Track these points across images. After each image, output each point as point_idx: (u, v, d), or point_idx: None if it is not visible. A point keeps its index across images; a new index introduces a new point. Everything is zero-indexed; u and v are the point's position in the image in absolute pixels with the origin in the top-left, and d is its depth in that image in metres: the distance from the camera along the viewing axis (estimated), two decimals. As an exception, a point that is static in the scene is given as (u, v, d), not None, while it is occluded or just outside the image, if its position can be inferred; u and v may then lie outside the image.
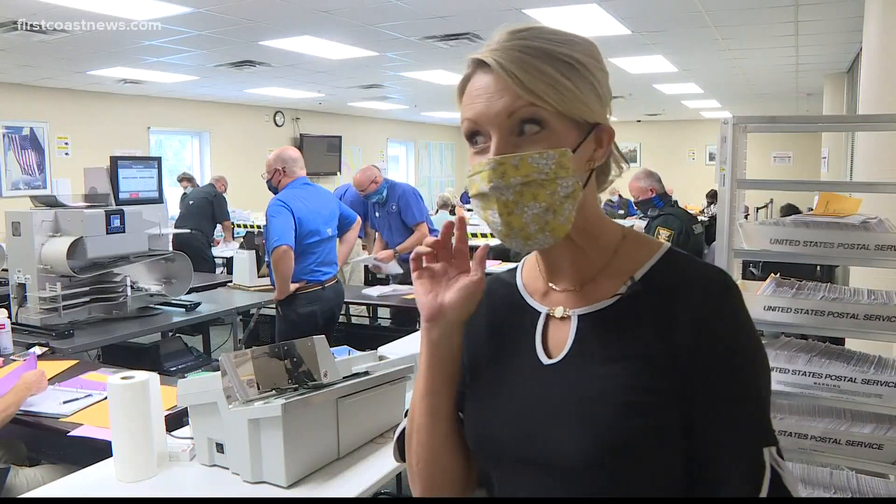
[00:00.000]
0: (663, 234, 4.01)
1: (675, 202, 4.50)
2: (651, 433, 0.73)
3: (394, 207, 4.68)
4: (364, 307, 5.09)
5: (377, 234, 5.02)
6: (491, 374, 0.86)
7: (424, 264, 0.83)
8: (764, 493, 0.71)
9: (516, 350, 0.84)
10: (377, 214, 4.78)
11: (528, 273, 0.90)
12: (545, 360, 0.81)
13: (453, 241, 0.84)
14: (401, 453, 0.93)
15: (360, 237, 4.86)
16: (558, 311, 0.83)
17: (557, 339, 0.82)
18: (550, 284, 0.85)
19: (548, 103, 0.74)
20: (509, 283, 0.91)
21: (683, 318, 0.75)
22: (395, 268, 4.74)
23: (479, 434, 0.84)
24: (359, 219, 4.04)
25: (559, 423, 0.76)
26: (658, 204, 4.27)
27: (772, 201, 10.72)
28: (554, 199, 0.74)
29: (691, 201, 12.53)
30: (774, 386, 1.87)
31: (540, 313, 0.85)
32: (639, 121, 14.60)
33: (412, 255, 0.83)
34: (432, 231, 4.83)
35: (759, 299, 1.91)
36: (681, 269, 0.80)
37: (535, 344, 0.83)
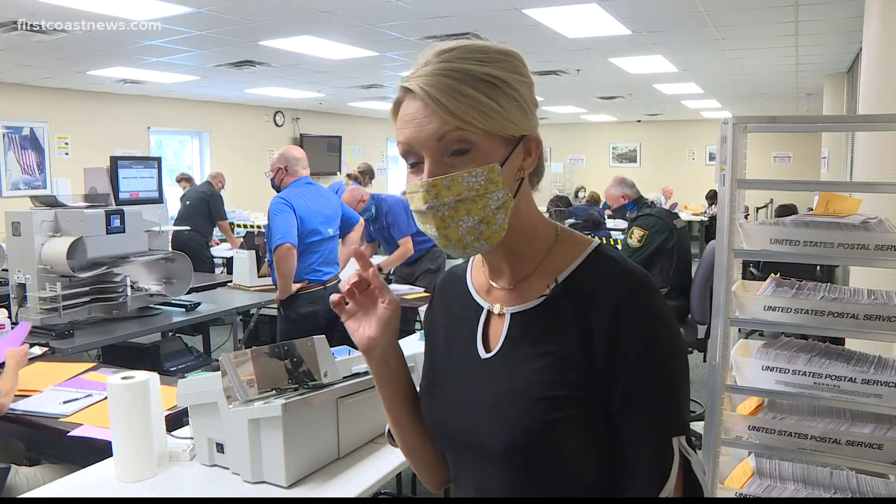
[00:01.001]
0: (636, 234, 4.20)
1: (652, 203, 4.64)
2: (568, 425, 0.80)
3: (384, 223, 4.67)
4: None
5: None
6: (443, 364, 0.95)
7: (348, 304, 0.91)
8: (673, 478, 0.79)
9: (463, 343, 0.92)
10: (371, 229, 4.77)
11: (476, 270, 0.97)
12: (483, 355, 0.89)
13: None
14: (393, 439, 1.04)
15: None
16: (496, 308, 0.90)
17: (494, 335, 0.89)
18: (491, 282, 0.92)
19: (474, 125, 0.78)
20: (461, 278, 0.98)
21: (600, 317, 0.81)
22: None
23: (432, 420, 0.94)
24: (361, 220, 4.04)
25: (490, 414, 0.85)
26: (632, 209, 4.39)
27: (772, 201, 10.72)
28: (486, 211, 0.80)
29: (691, 201, 12.56)
30: (774, 386, 1.87)
31: (483, 309, 0.92)
32: (639, 121, 14.59)
33: (333, 301, 0.92)
34: (423, 237, 4.79)
35: (759, 299, 1.91)
36: (601, 269, 0.85)
37: (476, 338, 0.90)
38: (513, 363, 0.85)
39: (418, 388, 0.98)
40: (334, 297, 0.92)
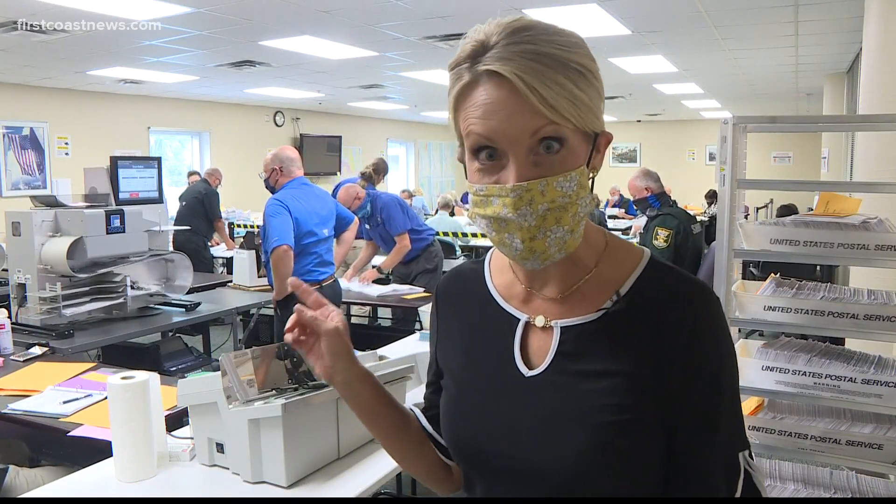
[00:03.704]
0: (662, 234, 4.01)
1: (674, 202, 4.50)
2: (633, 451, 0.74)
3: (379, 220, 4.68)
4: (364, 307, 5.10)
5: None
6: (469, 380, 0.85)
7: (302, 337, 0.87)
8: (738, 492, 0.77)
9: (494, 356, 0.82)
10: (367, 227, 4.78)
11: (501, 275, 0.87)
12: (526, 372, 0.79)
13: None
14: None
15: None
16: (539, 321, 0.80)
17: (538, 350, 0.80)
18: (530, 290, 0.83)
19: (568, 120, 0.70)
20: (475, 281, 0.89)
21: (676, 334, 0.75)
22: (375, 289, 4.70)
23: (461, 443, 0.84)
24: (356, 219, 4.04)
25: (542, 439, 0.76)
26: (654, 204, 4.27)
27: (772, 201, 10.72)
28: (575, 220, 0.73)
29: (691, 201, 12.53)
30: (774, 386, 1.87)
31: (519, 320, 0.82)
32: (639, 121, 14.60)
33: (291, 342, 0.87)
34: (419, 237, 4.78)
35: (759, 299, 1.91)
36: (664, 282, 0.79)
37: (514, 353, 0.81)
38: (568, 383, 0.76)
39: (439, 400, 0.90)
40: (288, 337, 0.88)
